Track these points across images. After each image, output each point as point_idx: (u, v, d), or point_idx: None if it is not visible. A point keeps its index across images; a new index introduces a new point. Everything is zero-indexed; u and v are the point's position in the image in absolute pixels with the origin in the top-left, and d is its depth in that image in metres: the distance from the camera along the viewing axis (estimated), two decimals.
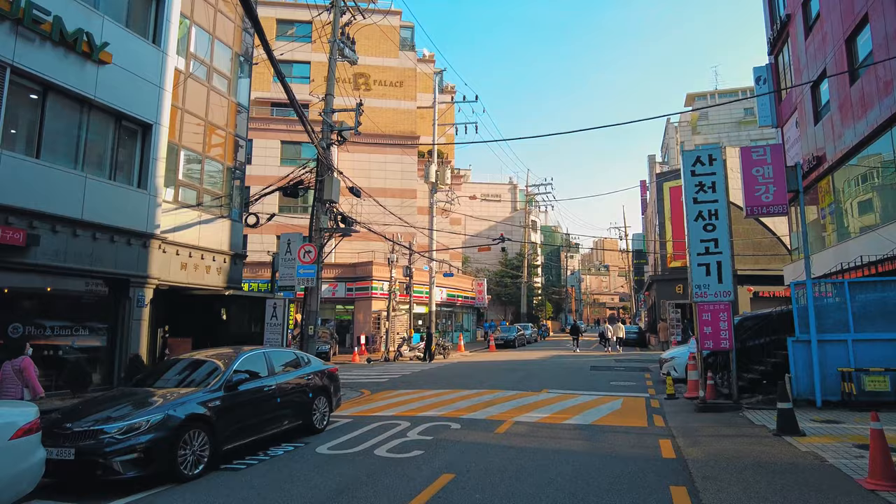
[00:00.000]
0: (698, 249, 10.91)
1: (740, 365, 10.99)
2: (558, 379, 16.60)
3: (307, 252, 15.75)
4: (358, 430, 9.21)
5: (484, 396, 12.74)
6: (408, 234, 32.65)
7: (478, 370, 19.92)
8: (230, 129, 15.92)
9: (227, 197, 15.69)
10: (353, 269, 31.06)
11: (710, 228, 10.91)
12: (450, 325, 38.15)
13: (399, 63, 37.95)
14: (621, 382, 15.59)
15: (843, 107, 15.49)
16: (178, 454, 6.42)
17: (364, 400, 13.07)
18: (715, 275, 10.74)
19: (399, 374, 18.98)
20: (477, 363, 23.42)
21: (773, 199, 10.76)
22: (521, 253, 51.93)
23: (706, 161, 11.12)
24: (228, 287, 15.28)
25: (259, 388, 7.99)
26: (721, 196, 10.97)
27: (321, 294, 31.75)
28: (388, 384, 16.17)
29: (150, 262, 12.40)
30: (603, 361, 22.69)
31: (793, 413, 7.85)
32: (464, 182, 64.87)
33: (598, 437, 8.38)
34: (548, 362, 23.02)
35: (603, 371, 18.77)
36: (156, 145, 12.58)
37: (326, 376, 9.76)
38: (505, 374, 18.24)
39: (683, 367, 14.79)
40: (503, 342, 34.70)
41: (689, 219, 11.08)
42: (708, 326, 10.62)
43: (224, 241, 15.28)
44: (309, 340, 15.71)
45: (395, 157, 35.93)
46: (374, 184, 35.93)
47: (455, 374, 18.48)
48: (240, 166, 16.47)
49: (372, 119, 36.01)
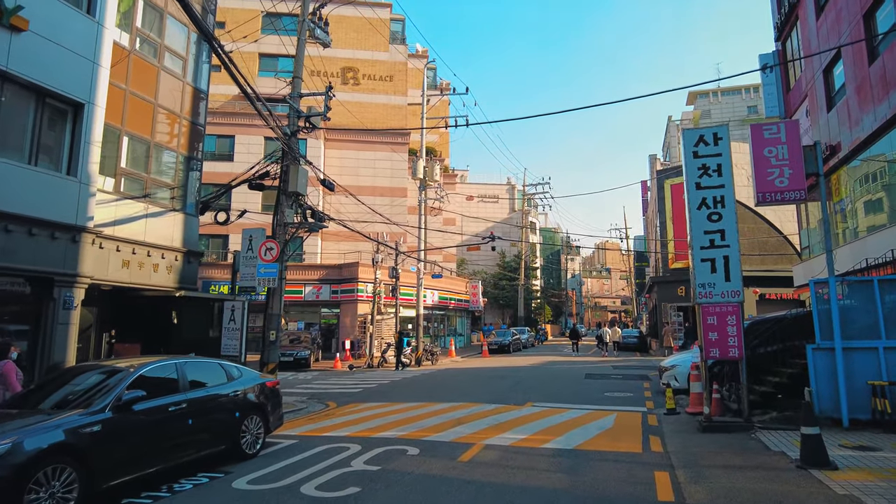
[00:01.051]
0: (702, 242, 9.41)
1: (750, 376, 9.47)
2: (548, 389, 15.08)
3: (268, 249, 14.30)
4: (297, 456, 7.72)
5: (459, 412, 11.24)
6: (396, 235, 31.20)
7: (463, 379, 18.41)
8: (185, 115, 14.49)
9: (180, 188, 14.24)
10: (338, 270, 29.62)
11: (715, 218, 9.41)
12: (442, 328, 36.63)
13: (389, 57, 36.58)
14: (617, 393, 14.07)
15: (861, 89, 13.98)
16: (28, 498, 4.94)
17: (324, 415, 11.58)
18: (721, 272, 9.24)
19: (377, 383, 17.48)
20: (465, 370, 21.91)
21: (788, 184, 9.28)
22: (519, 255, 50.40)
23: (710, 140, 9.64)
24: (181, 287, 13.81)
25: (162, 408, 6.51)
26: (728, 181, 9.48)
27: (306, 297, 30.44)
28: (360, 395, 14.68)
29: (82, 258, 10.94)
30: (599, 368, 21.15)
31: (821, 440, 6.34)
32: (461, 183, 63.49)
33: (580, 468, 6.87)
34: (540, 369, 21.50)
35: (598, 380, 17.24)
36: (89, 127, 11.14)
37: (262, 392, 8.27)
38: (491, 383, 16.73)
39: (685, 377, 13.28)
40: (497, 347, 33.16)
41: (691, 207, 9.59)
42: (713, 331, 9.11)
43: (176, 236, 13.83)
44: (271, 347, 14.23)
45: (385, 155, 34.51)
46: (363, 182, 34.56)
47: (437, 384, 16.97)
48: (197, 156, 15.02)
49: (360, 115, 34.64)
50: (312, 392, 15.67)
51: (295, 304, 30.12)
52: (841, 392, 8.40)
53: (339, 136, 34.73)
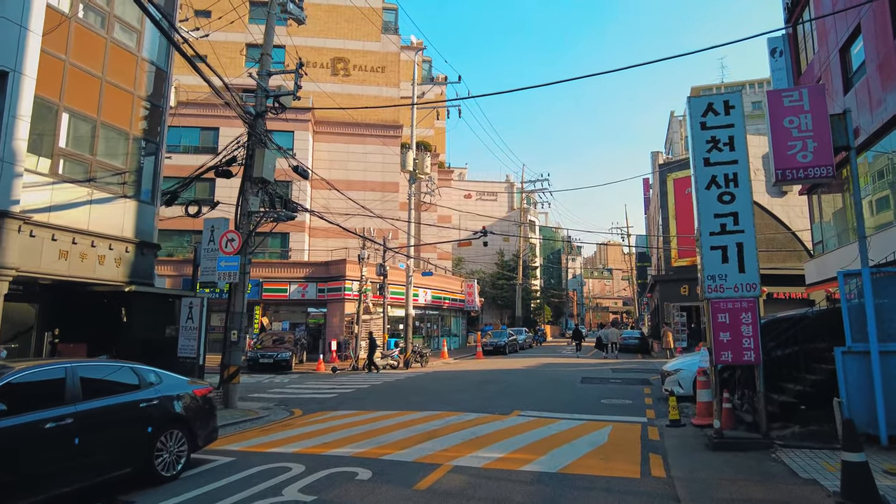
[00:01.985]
0: (711, 227, 8.05)
1: (766, 383, 8.10)
2: (539, 395, 13.73)
3: (230, 241, 13.00)
4: (224, 480, 6.39)
5: (434, 422, 9.89)
6: (384, 231, 29.87)
7: (449, 383, 17.07)
8: (141, 94, 13.18)
9: (133, 174, 12.93)
10: (325, 267, 28.29)
11: (727, 199, 8.06)
12: (436, 329, 35.27)
13: (381, 47, 35.27)
14: (614, 400, 12.70)
15: (884, 67, 12.62)
16: None
17: (283, 425, 10.24)
18: (734, 261, 7.88)
19: (355, 387, 16.15)
20: (454, 373, 20.56)
21: (812, 159, 7.91)
22: (517, 253, 49.04)
23: (721, 109, 8.28)
24: (132, 282, 12.49)
25: (34, 425, 5.18)
26: (742, 155, 8.12)
27: (290, 295, 29.12)
28: (332, 401, 13.34)
29: (5, 247, 9.64)
30: (597, 372, 19.78)
31: (868, 470, 4.98)
32: (459, 181, 62.17)
33: (562, 501, 5.52)
34: (534, 372, 20.13)
35: (595, 384, 15.87)
36: (14, 99, 9.84)
37: (187, 401, 6.93)
38: (478, 387, 15.38)
39: (690, 383, 11.93)
40: (492, 348, 31.79)
41: (698, 187, 8.23)
42: (725, 331, 7.74)
43: (127, 225, 12.52)
44: (233, 348, 12.91)
45: (376, 148, 33.18)
46: (353, 176, 33.27)
47: (418, 389, 15.63)
48: (157, 139, 13.71)
49: (351, 105, 33.33)
50: (283, 397, 14.34)
51: (280, 303, 28.81)
52: (878, 403, 7.03)
53: (328, 129, 33.43)
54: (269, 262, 29.06)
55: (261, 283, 27.98)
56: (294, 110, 32.24)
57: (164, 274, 27.82)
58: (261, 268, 28.42)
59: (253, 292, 27.95)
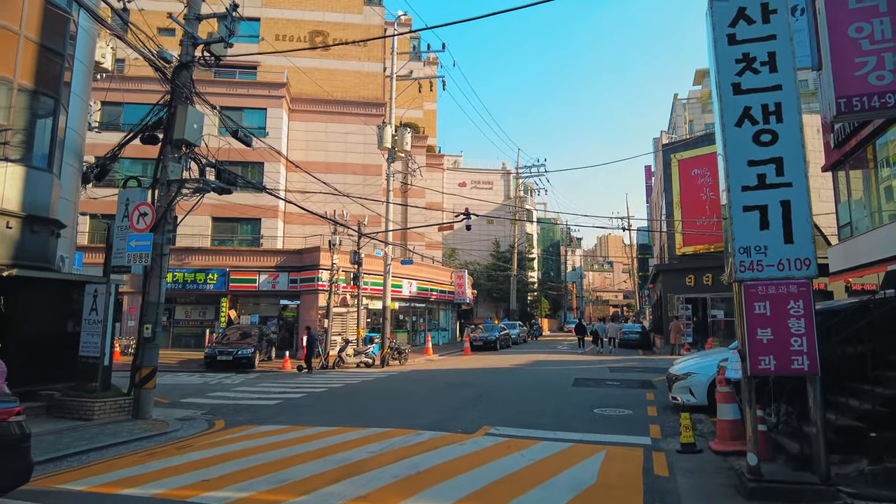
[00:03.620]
0: (744, 180, 5.69)
1: None
2: (521, 402, 11.42)
3: (142, 216, 10.65)
4: None
5: (370, 447, 7.57)
6: (362, 216, 27.51)
7: (419, 386, 14.77)
8: (32, 36, 10.77)
9: (21, 133, 10.55)
10: (298, 256, 25.96)
11: (766, 139, 5.68)
12: (422, 323, 32.97)
13: (363, 20, 32.78)
14: (611, 410, 10.38)
15: None
16: None
17: (180, 446, 7.93)
18: (777, 227, 5.53)
19: (309, 391, 13.85)
20: (431, 373, 18.27)
21: (893, 82, 5.52)
22: (513, 244, 46.67)
23: (757, 15, 5.88)
24: (15, 264, 10.12)
25: None
26: (788, 78, 5.73)
27: (260, 286, 26.80)
28: (268, 411, 11.04)
29: None
30: (592, 371, 17.46)
31: None
32: (453, 168, 59.76)
33: None
34: (522, 372, 17.83)
35: (589, 388, 13.56)
36: None
37: None
38: (450, 393, 13.09)
39: (704, 390, 9.63)
40: (482, 344, 29.48)
41: (725, 124, 5.85)
42: (765, 327, 5.40)
43: (10, 195, 10.15)
44: (146, 347, 10.58)
45: (357, 128, 30.74)
46: (333, 158, 30.88)
47: (380, 394, 13.33)
48: (54, 93, 11.31)
49: (330, 83, 30.92)
50: (219, 403, 12.06)
51: (249, 294, 26.51)
52: None
53: (305, 107, 30.99)
54: (237, 249, 26.73)
55: (227, 273, 25.68)
56: (266, 85, 29.84)
57: None
58: (227, 256, 26.10)
59: (219, 283, 25.68)
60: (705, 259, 25.94)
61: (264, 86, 29.53)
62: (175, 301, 27.04)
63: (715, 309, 25.55)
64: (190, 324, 26.85)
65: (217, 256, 26.04)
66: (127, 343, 24.74)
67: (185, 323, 26.94)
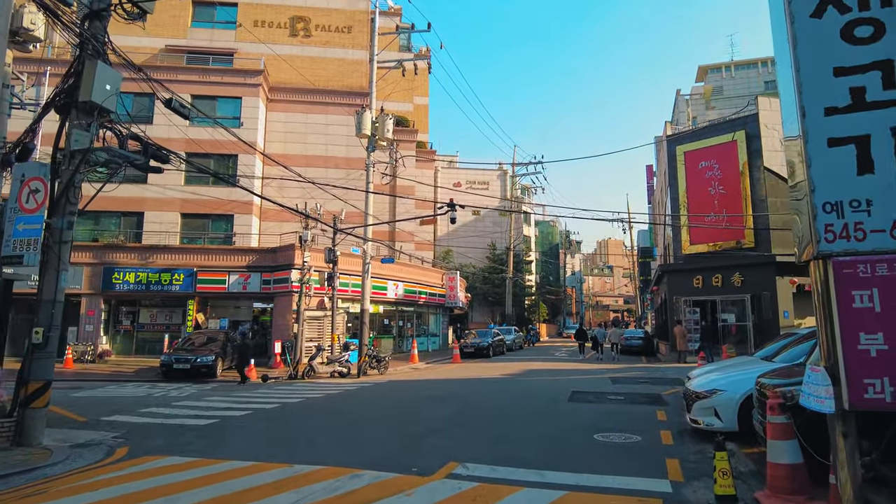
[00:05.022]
0: (829, 98, 3.61)
1: None
2: (503, 425, 9.31)
3: (32, 193, 8.61)
4: None
5: (281, 498, 5.46)
6: (338, 211, 25.45)
7: (388, 403, 12.67)
8: None
9: None
10: (272, 255, 23.87)
11: (864, 35, 3.62)
12: (410, 328, 30.83)
13: (348, 5, 30.81)
14: (615, 436, 8.26)
15: None
16: None
17: (33, 490, 5.82)
18: (889, 168, 3.45)
19: (259, 406, 11.74)
20: (408, 385, 16.18)
21: None
22: (509, 244, 44.58)
23: None
24: None
25: None
26: None
27: (230, 288, 24.71)
28: (193, 433, 8.94)
29: None
30: (592, 382, 15.36)
31: None
32: (449, 167, 57.81)
33: None
34: (512, 384, 15.73)
35: (588, 404, 11.45)
36: None
37: None
38: (420, 412, 10.98)
39: (733, 412, 7.54)
40: (473, 351, 27.32)
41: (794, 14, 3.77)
42: (873, 331, 3.32)
43: None
44: (36, 355, 8.46)
45: (340, 119, 28.70)
46: (313, 150, 28.86)
47: (334, 414, 11.22)
48: None
49: (312, 71, 28.94)
50: (144, 423, 9.96)
51: (219, 297, 24.41)
52: None
53: (284, 96, 28.98)
54: (206, 248, 24.62)
55: (195, 273, 23.58)
56: (242, 73, 27.84)
57: (79, 262, 23.44)
58: (195, 255, 24.01)
59: (186, 284, 23.58)
60: (714, 258, 23.88)
61: (239, 73, 27.52)
62: (139, 304, 24.96)
63: (725, 312, 23.45)
64: (155, 328, 24.72)
65: (184, 255, 23.94)
66: (84, 349, 22.68)
67: (150, 327, 24.82)
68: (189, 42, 29.36)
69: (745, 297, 22.60)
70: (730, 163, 24.02)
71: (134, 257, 23.88)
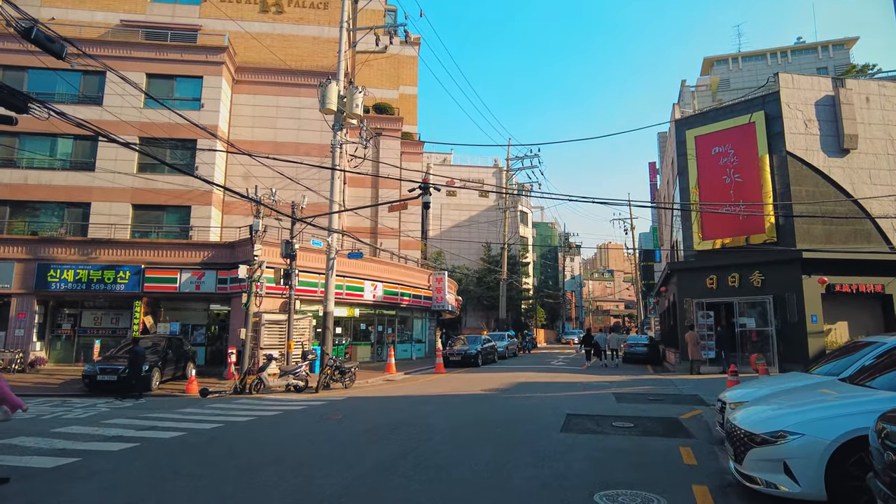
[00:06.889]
0: None
1: None
2: (462, 476, 6.50)
3: None
4: None
5: None
6: (320, 205, 22.71)
7: (318, 437, 9.85)
8: None
9: None
10: (229, 250, 21.10)
11: None
12: (391, 334, 28.00)
13: None
14: (624, 497, 5.46)
15: None
16: None
17: None
18: None
19: (154, 436, 8.94)
20: (368, 403, 13.38)
21: None
22: (503, 243, 41.80)
23: None
24: None
25: None
26: None
27: (181, 287, 21.88)
28: (38, 481, 6.13)
29: None
30: (592, 400, 12.54)
31: None
32: (442, 165, 55.20)
33: None
34: (494, 403, 12.91)
35: (587, 434, 8.64)
36: None
37: None
38: (356, 451, 8.18)
39: (819, 469, 4.68)
40: (460, 359, 24.48)
41: None
42: None
43: None
44: None
45: (313, 101, 25.83)
46: (283, 136, 26.17)
47: (241, 452, 8.41)
48: None
49: (284, 50, 26.26)
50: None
51: (170, 297, 21.63)
52: None
53: (251, 77, 26.30)
54: (155, 242, 21.82)
55: (142, 271, 20.80)
56: (203, 50, 25.09)
57: (9, 257, 20.70)
58: (143, 250, 21.24)
59: (132, 282, 20.81)
60: (730, 255, 21.11)
61: (201, 50, 24.82)
62: (82, 305, 22.17)
63: (744, 316, 20.64)
64: (100, 332, 21.90)
65: (131, 251, 21.15)
66: (11, 357, 19.87)
67: (95, 332, 21.99)
68: (148, 17, 26.67)
69: (766, 298, 19.80)
70: (747, 148, 21.28)
71: (74, 252, 21.09)
